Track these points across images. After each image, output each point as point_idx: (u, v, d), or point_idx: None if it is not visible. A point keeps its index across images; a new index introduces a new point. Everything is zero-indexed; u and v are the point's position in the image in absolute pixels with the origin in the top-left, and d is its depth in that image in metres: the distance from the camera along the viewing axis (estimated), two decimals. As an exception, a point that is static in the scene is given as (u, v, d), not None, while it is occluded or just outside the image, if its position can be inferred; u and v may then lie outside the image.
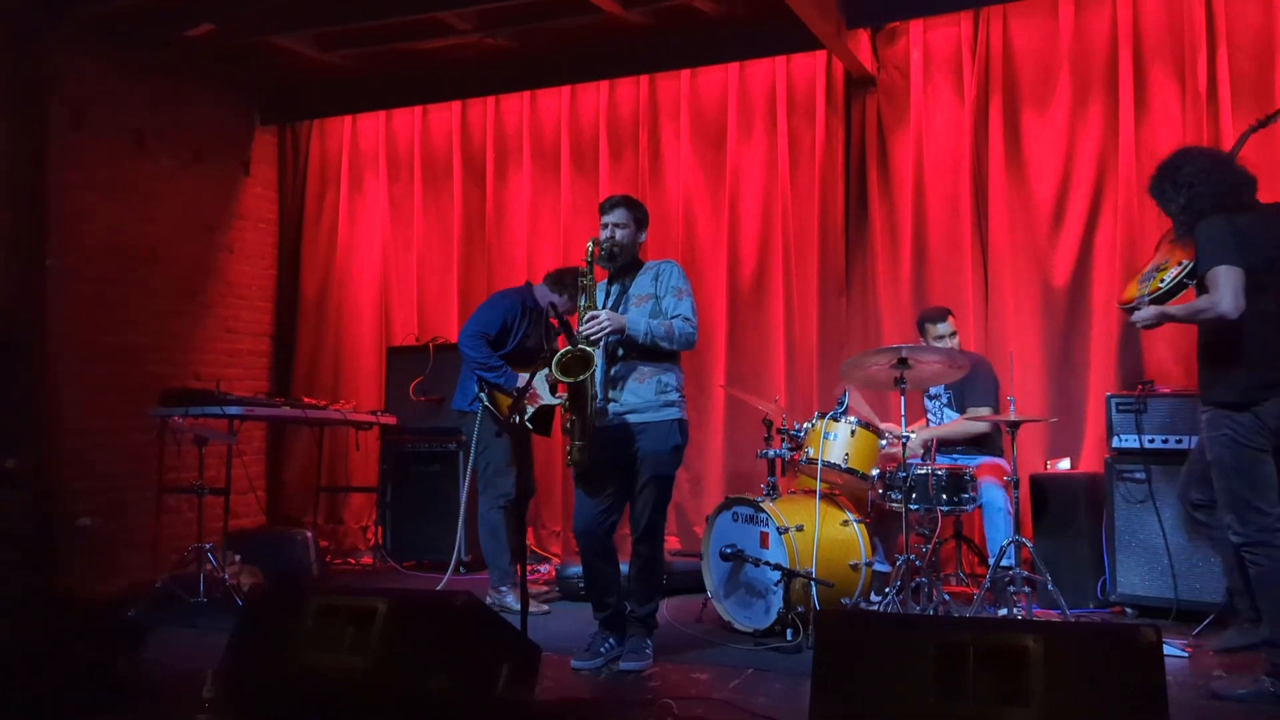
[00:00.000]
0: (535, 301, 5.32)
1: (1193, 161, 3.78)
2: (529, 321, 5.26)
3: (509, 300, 5.30)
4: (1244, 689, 3.53)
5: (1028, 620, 4.14)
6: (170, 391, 5.89)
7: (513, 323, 5.20)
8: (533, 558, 6.41)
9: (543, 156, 7.01)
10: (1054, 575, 4.42)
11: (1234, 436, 3.56)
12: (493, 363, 5.10)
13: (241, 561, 5.69)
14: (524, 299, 5.31)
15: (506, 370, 5.11)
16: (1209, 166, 3.74)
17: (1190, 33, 5.38)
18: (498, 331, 5.16)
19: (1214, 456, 3.64)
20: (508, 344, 5.19)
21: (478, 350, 5.12)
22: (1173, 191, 3.78)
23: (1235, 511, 3.58)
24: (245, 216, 7.36)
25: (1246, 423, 3.54)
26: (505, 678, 3.05)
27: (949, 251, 5.91)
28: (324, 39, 6.58)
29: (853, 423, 4.67)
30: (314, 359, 7.51)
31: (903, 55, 6.10)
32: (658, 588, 4.21)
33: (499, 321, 5.17)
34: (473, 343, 5.13)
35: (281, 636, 3.07)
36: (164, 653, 3.98)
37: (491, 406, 5.18)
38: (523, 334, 5.23)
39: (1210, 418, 3.64)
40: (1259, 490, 3.54)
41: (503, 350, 5.17)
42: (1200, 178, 3.70)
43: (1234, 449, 3.56)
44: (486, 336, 5.13)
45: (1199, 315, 3.58)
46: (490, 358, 5.11)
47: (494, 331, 5.15)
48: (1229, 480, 3.59)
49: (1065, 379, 5.64)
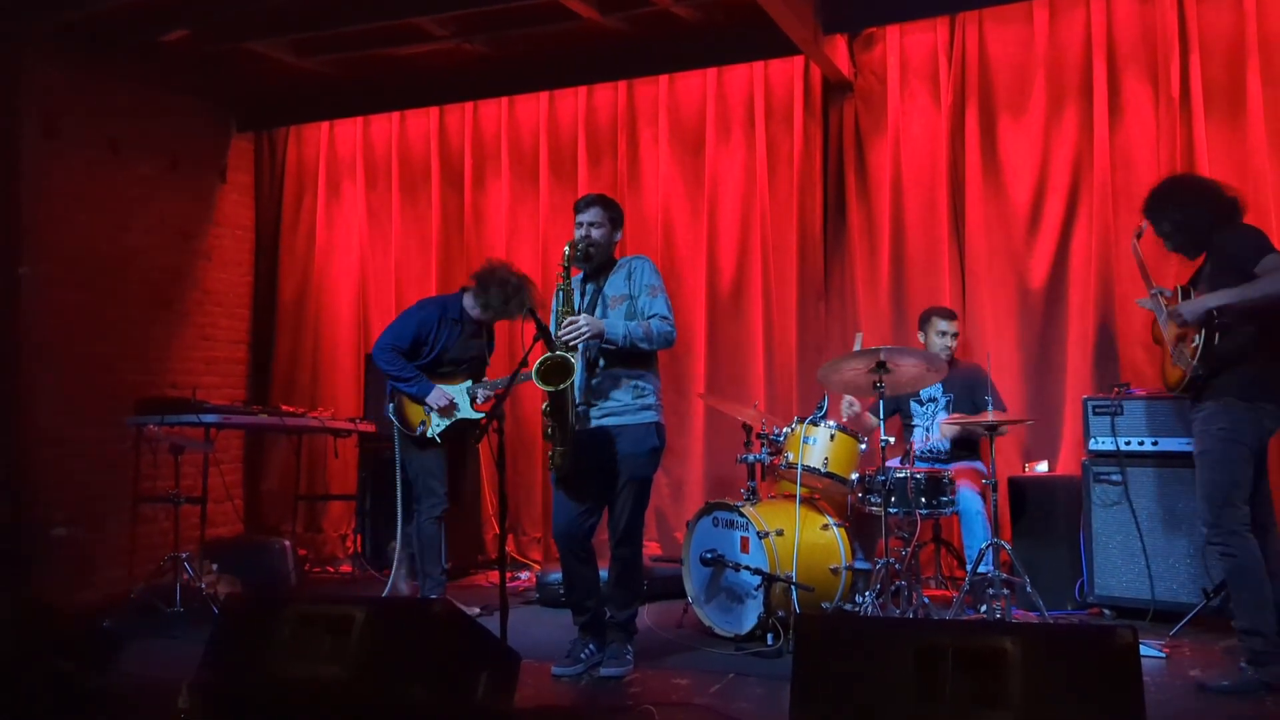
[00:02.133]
0: (461, 310, 5.26)
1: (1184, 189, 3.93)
2: (447, 332, 5.19)
3: (425, 311, 5.25)
4: (1228, 680, 3.59)
5: (1006, 622, 4.15)
6: (146, 400, 5.84)
7: (427, 334, 5.15)
8: (512, 565, 6.39)
9: (521, 162, 7.01)
10: (1032, 577, 4.44)
11: (1230, 433, 3.62)
12: (405, 373, 5.08)
13: (219, 571, 5.65)
14: (444, 308, 5.25)
15: (421, 380, 5.07)
16: (1204, 192, 3.87)
17: (1163, 38, 5.44)
18: (410, 343, 5.12)
19: (1204, 448, 3.70)
20: (423, 355, 5.15)
21: (389, 362, 5.10)
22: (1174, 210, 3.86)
23: (1213, 504, 3.65)
24: (222, 223, 7.32)
25: (1245, 419, 3.60)
26: (484, 685, 3.03)
27: (927, 256, 5.94)
28: (300, 45, 6.55)
29: (832, 427, 4.68)
30: (292, 366, 7.47)
31: (879, 61, 6.13)
32: (637, 592, 4.20)
33: (411, 334, 5.13)
34: (384, 355, 5.11)
35: (258, 646, 3.03)
36: (140, 663, 3.94)
37: (397, 420, 5.15)
38: (440, 345, 5.18)
39: (1209, 413, 3.68)
40: (1241, 488, 3.62)
41: (420, 360, 5.14)
42: (1196, 200, 3.83)
43: (1226, 444, 3.63)
44: (398, 348, 5.11)
45: (1254, 293, 3.54)
46: (403, 369, 5.08)
47: (405, 344, 5.12)
48: (1215, 472, 3.66)
49: (1042, 382, 5.68)
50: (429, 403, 5.05)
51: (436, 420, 5.09)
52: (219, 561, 5.73)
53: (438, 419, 5.09)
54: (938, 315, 5.28)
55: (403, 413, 5.13)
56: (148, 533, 6.25)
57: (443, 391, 5.07)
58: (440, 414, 5.08)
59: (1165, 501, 4.64)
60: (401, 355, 5.10)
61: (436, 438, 5.10)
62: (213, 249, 7.21)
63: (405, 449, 5.18)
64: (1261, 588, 3.60)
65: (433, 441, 5.11)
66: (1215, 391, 3.68)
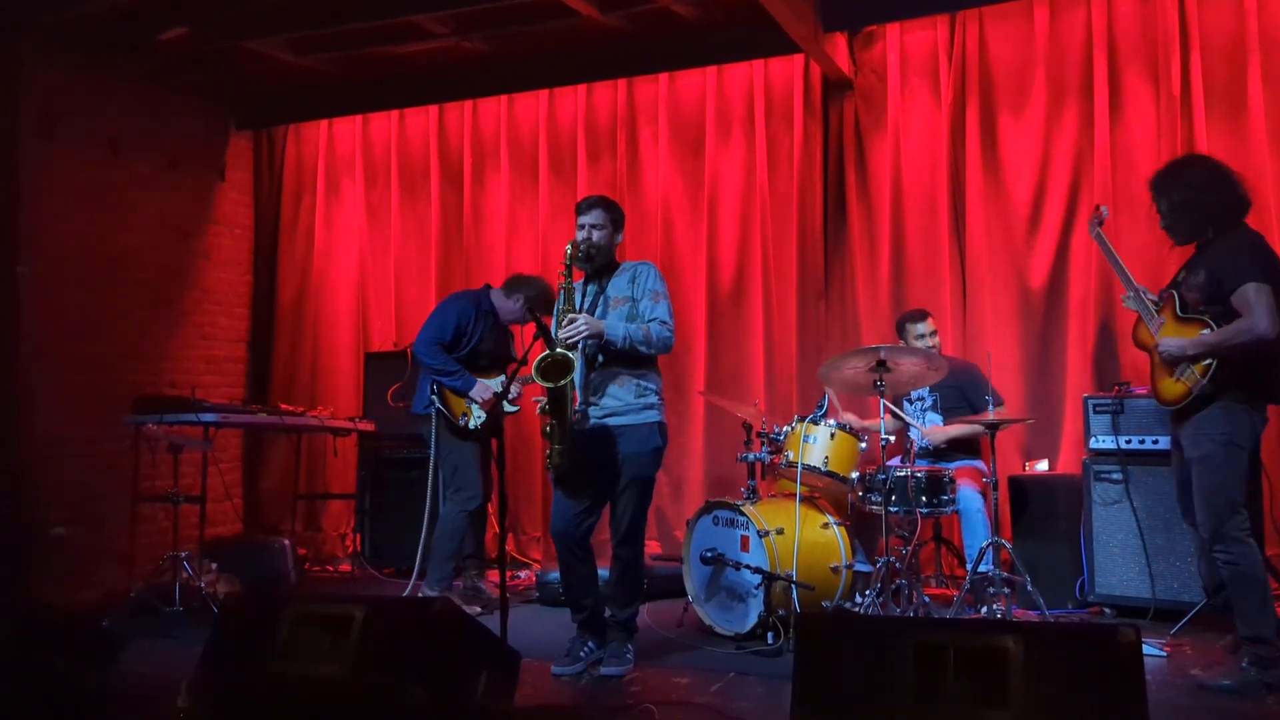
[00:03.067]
0: (491, 305, 5.31)
1: (1199, 168, 3.81)
2: (483, 325, 5.26)
3: (462, 303, 5.30)
4: (1230, 680, 3.57)
5: (1007, 621, 4.15)
6: (144, 399, 5.83)
7: (466, 325, 5.20)
8: (512, 564, 6.38)
9: (520, 160, 7.00)
10: (1033, 576, 4.43)
11: (1232, 436, 3.59)
12: (449, 368, 5.11)
13: (219, 570, 5.64)
14: (478, 302, 5.32)
15: (464, 374, 5.12)
16: (1217, 178, 3.76)
17: (1164, 36, 5.43)
18: (452, 336, 5.16)
19: (1205, 453, 3.64)
20: (462, 347, 5.19)
21: (434, 357, 5.13)
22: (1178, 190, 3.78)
23: (1215, 510, 3.60)
24: (221, 222, 7.30)
25: (1244, 421, 3.58)
26: (484, 685, 3.02)
27: (927, 255, 5.93)
28: (299, 43, 6.53)
29: (832, 426, 4.68)
30: (291, 365, 7.46)
31: (879, 59, 6.12)
32: (638, 592, 4.20)
33: (453, 326, 5.18)
34: (429, 350, 5.14)
35: (257, 645, 3.03)
36: (139, 663, 3.93)
37: (445, 410, 5.17)
38: (477, 337, 5.23)
39: (1209, 416, 3.63)
40: (1242, 490, 3.60)
41: (458, 353, 5.18)
42: (1206, 184, 3.73)
43: (1229, 449, 3.59)
44: (441, 342, 5.14)
45: (1237, 338, 3.53)
46: (447, 363, 5.12)
47: (448, 336, 5.16)
48: (1217, 477, 3.61)
49: (1043, 381, 5.67)
50: (473, 396, 5.10)
51: (478, 412, 5.14)
52: (218, 561, 5.72)
53: (478, 411, 5.12)
54: (910, 321, 5.22)
55: (447, 402, 5.17)
56: (147, 532, 6.24)
57: (486, 385, 5.13)
58: (483, 407, 5.11)
59: (1166, 500, 4.61)
60: (444, 349, 5.12)
61: (479, 428, 5.13)
62: (212, 248, 7.20)
63: (445, 439, 5.21)
64: (1264, 594, 3.58)
65: (473, 433, 5.14)
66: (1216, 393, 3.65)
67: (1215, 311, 3.62)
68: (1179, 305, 3.77)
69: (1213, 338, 3.58)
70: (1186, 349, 3.63)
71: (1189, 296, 3.74)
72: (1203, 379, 3.59)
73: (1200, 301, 3.68)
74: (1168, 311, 3.81)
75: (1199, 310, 3.67)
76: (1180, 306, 3.76)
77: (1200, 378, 3.60)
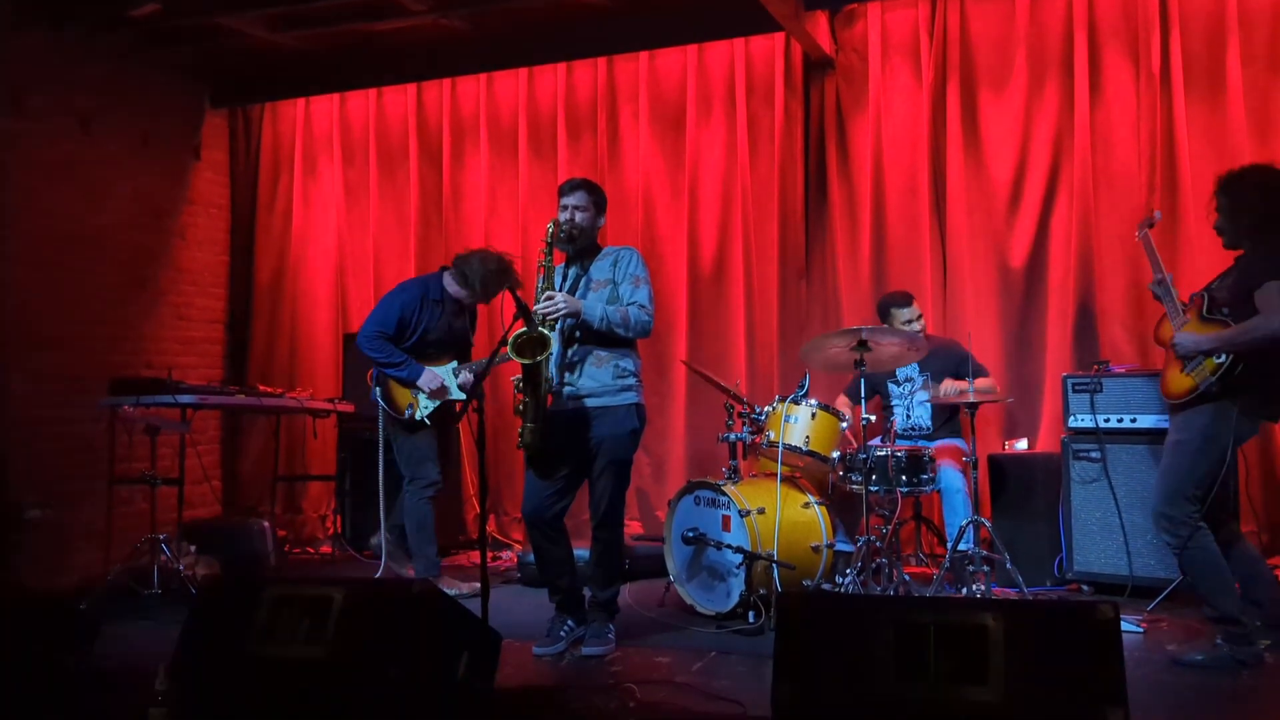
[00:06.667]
0: (442, 290, 5.21)
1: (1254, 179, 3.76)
2: (430, 313, 5.14)
3: (407, 293, 5.19)
4: (1201, 653, 3.63)
5: (986, 599, 4.18)
6: (120, 380, 5.76)
7: (410, 316, 5.10)
8: (494, 544, 6.37)
9: (500, 139, 6.95)
10: (1012, 554, 4.46)
11: (1213, 429, 3.61)
12: (395, 359, 5.03)
13: (197, 552, 5.60)
14: (426, 289, 5.20)
15: (410, 364, 5.04)
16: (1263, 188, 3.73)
17: (1144, 15, 5.45)
18: (395, 327, 5.07)
19: (1182, 437, 3.68)
20: (407, 337, 5.10)
21: (378, 349, 5.04)
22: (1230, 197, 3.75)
23: (1166, 490, 3.68)
24: (196, 201, 7.22)
25: (1229, 423, 3.59)
26: (465, 665, 3.02)
27: (908, 234, 5.93)
28: (275, 20, 6.43)
29: (813, 405, 4.68)
30: (269, 346, 7.40)
31: (860, 38, 6.10)
32: (619, 573, 4.21)
33: (395, 317, 5.07)
34: (372, 343, 5.06)
35: (236, 628, 3.01)
36: (117, 646, 3.91)
37: (387, 406, 5.11)
38: (424, 326, 5.12)
39: (1197, 410, 3.65)
40: (1199, 485, 3.63)
41: (405, 343, 5.09)
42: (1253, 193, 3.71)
43: (1206, 441, 3.63)
44: (384, 334, 5.05)
45: (1251, 334, 3.53)
46: (391, 355, 5.04)
47: (391, 328, 5.06)
48: (1183, 462, 3.66)
49: (1022, 359, 5.70)
50: (420, 385, 5.02)
51: (425, 402, 5.07)
52: (197, 543, 5.68)
53: (425, 401, 5.06)
54: (894, 306, 5.18)
55: (390, 397, 5.10)
56: (124, 514, 6.19)
57: (433, 373, 5.04)
58: (430, 396, 5.04)
59: (1143, 478, 4.65)
60: (388, 340, 5.04)
61: (425, 420, 5.07)
62: (187, 227, 7.12)
63: (393, 434, 5.15)
64: (1220, 573, 3.63)
65: (422, 424, 5.08)
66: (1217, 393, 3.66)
67: (1240, 313, 3.62)
68: (1206, 306, 3.77)
69: (1228, 333, 3.59)
70: (1201, 344, 3.64)
71: (1219, 296, 3.74)
72: (1212, 377, 3.60)
73: (1226, 303, 3.68)
74: (1193, 312, 3.82)
75: (1223, 312, 3.68)
76: (1208, 308, 3.77)
77: (1210, 375, 3.61)
